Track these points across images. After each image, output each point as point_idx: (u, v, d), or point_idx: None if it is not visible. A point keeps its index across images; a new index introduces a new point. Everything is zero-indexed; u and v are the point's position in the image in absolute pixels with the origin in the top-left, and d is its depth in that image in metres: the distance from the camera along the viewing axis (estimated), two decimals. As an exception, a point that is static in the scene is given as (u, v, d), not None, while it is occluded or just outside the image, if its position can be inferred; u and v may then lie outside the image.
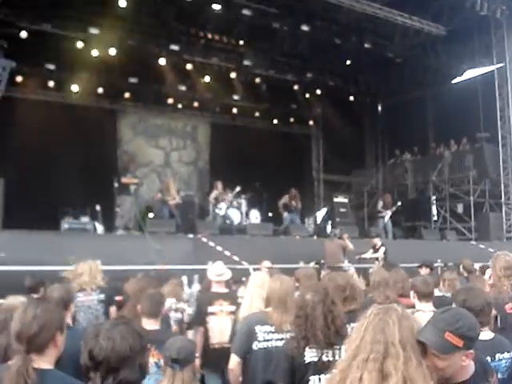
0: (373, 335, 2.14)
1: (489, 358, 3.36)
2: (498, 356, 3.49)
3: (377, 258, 12.27)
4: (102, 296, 6.34)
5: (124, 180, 14.42)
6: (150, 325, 4.52)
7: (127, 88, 19.58)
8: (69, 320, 4.22)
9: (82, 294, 6.22)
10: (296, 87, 22.08)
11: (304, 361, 3.49)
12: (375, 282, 5.80)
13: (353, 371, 2.08)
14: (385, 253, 12.46)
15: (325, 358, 3.43)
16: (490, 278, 5.84)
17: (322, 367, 3.41)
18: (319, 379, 3.42)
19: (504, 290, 4.89)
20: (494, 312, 4.13)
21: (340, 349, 3.38)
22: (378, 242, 13.04)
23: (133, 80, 19.37)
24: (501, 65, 18.34)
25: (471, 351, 2.40)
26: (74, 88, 18.49)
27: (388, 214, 17.63)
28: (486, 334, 3.56)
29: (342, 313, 3.64)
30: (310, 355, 3.48)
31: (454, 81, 22.03)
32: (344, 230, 13.20)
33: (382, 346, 2.10)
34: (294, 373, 3.52)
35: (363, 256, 12.56)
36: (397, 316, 2.20)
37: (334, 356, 3.43)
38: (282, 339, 4.22)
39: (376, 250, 12.70)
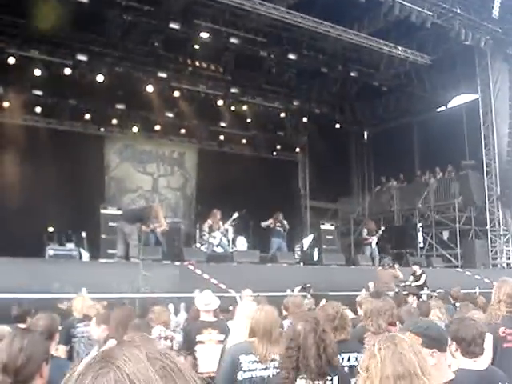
0: (393, 370, 2.10)
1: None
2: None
3: (420, 286, 12.48)
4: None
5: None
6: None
7: (115, 114, 19.59)
8: (53, 350, 4.16)
9: (83, 324, 6.17)
10: (283, 115, 22.23)
11: None
12: (368, 311, 5.77)
13: None
14: (425, 280, 12.76)
15: (317, 388, 3.42)
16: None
17: None
18: None
19: (498, 314, 4.90)
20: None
21: (332, 380, 3.36)
22: (417, 269, 13.34)
23: (120, 106, 19.37)
24: (484, 93, 18.64)
25: (434, 350, 2.71)
26: (62, 114, 18.46)
27: (374, 239, 17.68)
28: (481, 364, 3.55)
29: (333, 342, 3.62)
30: None
31: (439, 109, 22.31)
32: (394, 260, 14.04)
33: (407, 380, 2.08)
34: None
35: (407, 283, 12.73)
36: (408, 345, 2.18)
37: None
38: (266, 369, 4.22)
39: (417, 278, 12.96)
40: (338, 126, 23.61)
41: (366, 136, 25.37)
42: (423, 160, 22.17)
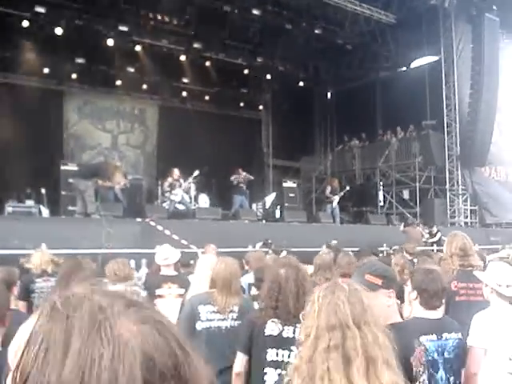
0: (327, 320, 2.11)
1: (435, 337, 3.43)
2: (445, 335, 3.56)
3: (436, 242, 13.91)
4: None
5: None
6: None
7: (74, 69, 19.05)
8: (12, 304, 4.11)
9: (42, 279, 6.09)
10: (246, 71, 21.98)
11: (264, 333, 3.53)
12: (316, 266, 5.88)
13: (319, 364, 2.06)
14: (440, 237, 13.70)
15: (285, 334, 3.49)
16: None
17: (281, 342, 3.46)
18: (277, 354, 3.47)
19: (452, 268, 5.00)
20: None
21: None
22: (435, 228, 14.89)
23: (80, 61, 18.83)
24: (446, 54, 18.74)
25: (392, 290, 2.82)
26: (19, 68, 17.90)
27: (336, 199, 17.83)
28: (435, 314, 3.63)
29: (311, 290, 3.68)
30: (272, 328, 3.53)
31: (402, 69, 22.37)
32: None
33: (338, 331, 2.09)
34: (253, 342, 3.57)
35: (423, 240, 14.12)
36: (345, 295, 2.18)
37: (294, 333, 3.46)
38: (224, 320, 4.27)
39: (433, 235, 14.34)
40: (301, 84, 23.48)
41: (329, 95, 25.36)
42: (385, 120, 22.31)
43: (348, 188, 18.51)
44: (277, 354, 3.46)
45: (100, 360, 0.68)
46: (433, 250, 11.83)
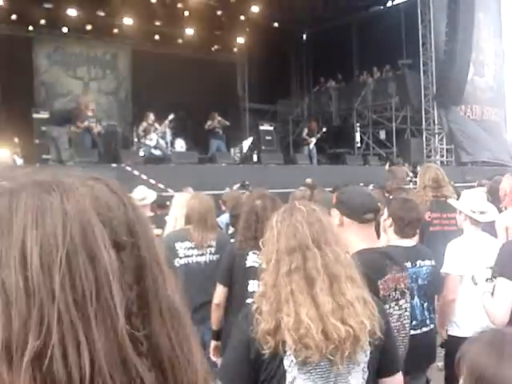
0: (286, 243, 2.10)
1: (409, 264, 3.47)
2: (419, 263, 3.61)
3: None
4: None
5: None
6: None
7: (42, 14, 18.40)
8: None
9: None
10: (219, 13, 21.46)
11: (245, 264, 3.53)
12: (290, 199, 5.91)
13: (282, 287, 2.06)
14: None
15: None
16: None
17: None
18: (259, 285, 3.47)
19: (426, 199, 5.03)
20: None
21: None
22: (419, 168, 15.06)
23: (48, 5, 18.19)
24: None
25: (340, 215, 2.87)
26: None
27: (313, 140, 17.81)
28: (409, 242, 3.66)
29: None
30: (253, 259, 3.53)
31: (377, 8, 22.07)
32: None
33: (299, 253, 2.08)
34: (233, 274, 3.58)
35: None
36: (302, 215, 2.16)
37: None
38: (202, 255, 4.27)
39: (417, 175, 14.58)
40: (276, 25, 23.07)
41: (304, 36, 25.00)
42: (361, 60, 22.11)
43: (324, 130, 18.49)
44: (258, 285, 3.48)
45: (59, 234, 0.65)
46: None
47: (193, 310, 4.26)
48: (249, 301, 3.50)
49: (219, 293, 3.73)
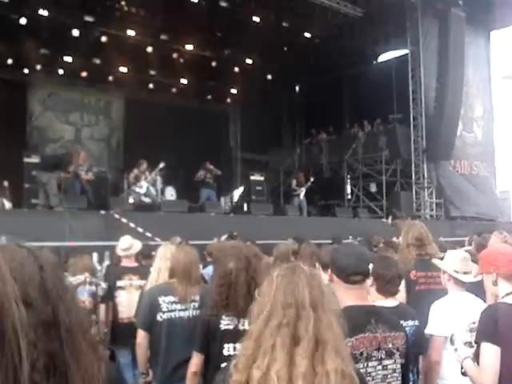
0: (283, 298, 2.07)
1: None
2: (401, 323, 3.56)
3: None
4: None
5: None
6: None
7: (38, 60, 18.59)
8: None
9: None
10: (214, 64, 21.82)
11: (220, 328, 3.46)
12: (275, 256, 5.91)
13: (266, 339, 2.02)
14: None
15: (241, 327, 3.41)
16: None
17: (237, 336, 3.38)
18: (234, 348, 3.38)
19: (409, 257, 5.01)
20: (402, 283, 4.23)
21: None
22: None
23: (44, 51, 18.43)
24: (413, 48, 18.91)
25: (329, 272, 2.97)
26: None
27: (302, 191, 17.88)
28: (391, 302, 3.63)
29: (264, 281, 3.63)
30: (227, 322, 3.47)
31: (369, 63, 22.48)
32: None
33: (293, 310, 2.05)
34: (209, 339, 3.51)
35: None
36: (305, 276, 2.14)
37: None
38: (185, 310, 4.21)
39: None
40: (269, 77, 23.45)
41: (297, 88, 25.39)
42: (353, 113, 22.43)
43: (312, 180, 18.57)
44: (234, 349, 3.39)
45: None
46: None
47: (176, 366, 4.19)
48: (223, 365, 3.44)
49: (195, 361, 3.63)
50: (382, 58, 22.05)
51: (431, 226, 5.42)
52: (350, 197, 20.09)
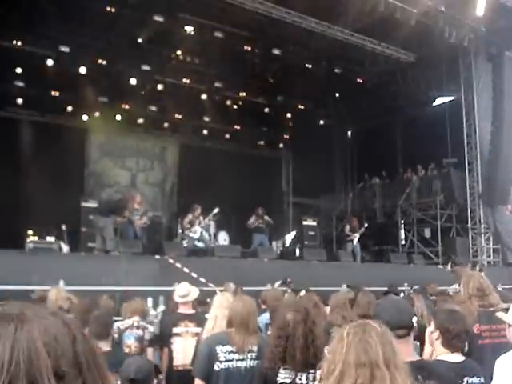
0: (356, 358, 2.03)
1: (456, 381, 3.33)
2: (466, 380, 3.46)
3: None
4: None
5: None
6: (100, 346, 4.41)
7: (97, 107, 19.31)
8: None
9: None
10: (267, 110, 22.15)
11: (277, 381, 3.44)
12: (333, 305, 5.81)
13: None
14: None
15: (298, 381, 3.38)
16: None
17: None
18: None
19: (472, 309, 4.87)
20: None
21: (315, 373, 3.33)
22: (477, 267, 14.60)
23: (102, 99, 19.12)
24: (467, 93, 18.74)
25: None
26: (43, 106, 18.28)
27: (356, 237, 17.71)
28: (457, 357, 3.53)
29: (322, 334, 3.59)
30: (284, 376, 3.44)
31: (422, 107, 22.35)
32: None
33: (367, 369, 2.02)
34: None
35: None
36: (376, 334, 2.11)
37: (307, 380, 3.37)
38: (243, 360, 4.19)
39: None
40: (321, 122, 23.62)
41: (349, 133, 25.41)
42: (406, 158, 22.23)
43: (366, 225, 18.39)
44: None
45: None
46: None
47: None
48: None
49: None
50: (436, 102, 21.90)
51: (489, 273, 5.28)
52: (403, 242, 19.77)
